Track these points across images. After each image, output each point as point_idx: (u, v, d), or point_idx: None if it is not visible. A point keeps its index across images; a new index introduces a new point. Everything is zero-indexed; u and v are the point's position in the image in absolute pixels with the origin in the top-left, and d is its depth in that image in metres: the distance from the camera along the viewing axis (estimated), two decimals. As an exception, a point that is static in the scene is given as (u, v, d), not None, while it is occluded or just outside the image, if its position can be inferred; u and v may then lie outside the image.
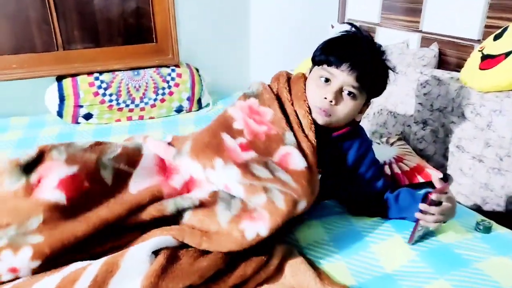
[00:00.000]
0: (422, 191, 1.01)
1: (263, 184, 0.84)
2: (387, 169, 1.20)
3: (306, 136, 0.94)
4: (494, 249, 0.90)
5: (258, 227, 0.82)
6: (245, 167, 0.86)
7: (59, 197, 0.81)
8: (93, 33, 1.86)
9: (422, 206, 0.89)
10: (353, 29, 1.03)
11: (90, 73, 1.80)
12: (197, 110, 1.97)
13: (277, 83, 1.03)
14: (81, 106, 1.77)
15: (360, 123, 1.07)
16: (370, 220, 1.05)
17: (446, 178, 0.91)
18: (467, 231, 0.98)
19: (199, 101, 1.96)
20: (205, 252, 0.81)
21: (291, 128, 0.95)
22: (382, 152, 1.25)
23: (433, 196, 0.88)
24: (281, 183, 0.84)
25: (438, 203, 0.90)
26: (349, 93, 0.94)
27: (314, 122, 0.96)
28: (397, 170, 1.20)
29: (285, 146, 0.91)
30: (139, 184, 0.90)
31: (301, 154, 0.90)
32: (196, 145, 0.93)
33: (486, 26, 1.41)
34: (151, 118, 1.88)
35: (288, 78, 1.04)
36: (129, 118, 1.85)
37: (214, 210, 0.86)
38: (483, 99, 1.14)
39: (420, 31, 1.72)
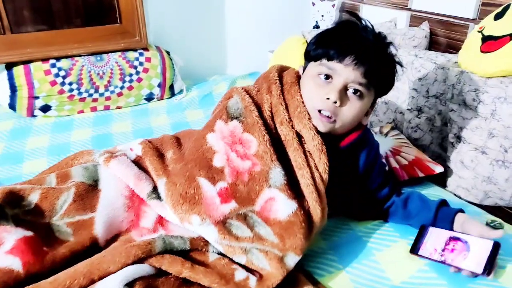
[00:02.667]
0: (436, 200, 0.90)
1: (241, 245, 0.75)
2: (384, 164, 1.10)
3: (314, 163, 0.81)
4: (508, 255, 0.82)
5: (251, 276, 0.73)
6: (222, 225, 0.76)
7: (12, 263, 0.66)
8: (46, 13, 1.62)
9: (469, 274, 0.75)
10: (350, 17, 0.87)
11: (45, 60, 1.58)
12: (170, 97, 1.80)
13: (269, 95, 0.85)
14: (37, 97, 1.57)
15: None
16: (370, 224, 0.96)
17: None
18: (476, 233, 0.90)
19: (171, 87, 1.79)
20: (187, 279, 0.71)
21: (285, 159, 0.81)
22: (377, 144, 1.15)
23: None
24: (260, 240, 0.76)
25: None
26: (355, 91, 0.80)
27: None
28: (394, 164, 1.10)
29: (270, 188, 0.78)
30: (107, 231, 0.77)
31: (291, 194, 0.77)
32: (172, 193, 0.79)
33: (483, 4, 1.31)
34: (118, 108, 1.71)
35: (282, 84, 0.87)
36: (93, 109, 1.67)
37: (206, 255, 0.76)
38: (486, 85, 1.05)
39: (409, 9, 1.61)
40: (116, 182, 0.82)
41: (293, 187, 0.79)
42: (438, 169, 1.09)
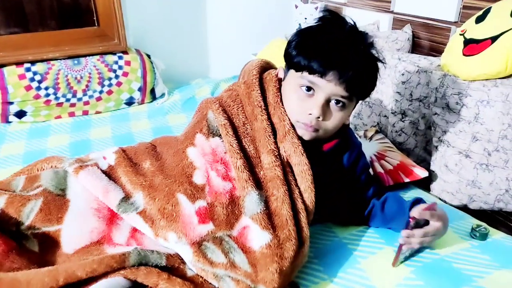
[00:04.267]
0: (410, 199, 0.90)
1: (214, 271, 0.71)
2: (368, 169, 1.09)
3: (298, 191, 0.79)
4: (495, 260, 0.82)
5: None
6: (198, 246, 0.73)
7: None
8: (19, 16, 1.57)
9: (405, 233, 0.78)
10: (329, 15, 0.82)
11: (19, 63, 1.53)
12: (151, 101, 1.76)
13: (250, 104, 0.82)
14: (11, 103, 1.51)
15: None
16: (355, 230, 0.94)
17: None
18: (461, 238, 0.89)
19: (152, 91, 1.75)
20: None
21: (259, 183, 0.78)
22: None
23: (412, 223, 0.78)
24: (233, 268, 0.72)
25: (424, 223, 0.80)
26: (338, 102, 0.78)
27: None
28: (379, 169, 1.09)
29: (245, 217, 0.76)
30: (75, 241, 0.74)
31: (266, 225, 0.74)
32: (150, 207, 0.76)
33: (464, 7, 1.31)
34: (98, 112, 1.66)
35: (266, 104, 0.83)
36: (71, 114, 1.61)
37: (184, 271, 0.73)
38: (469, 88, 1.05)
39: (392, 12, 1.61)
40: (86, 193, 0.79)
41: (272, 215, 0.77)
42: (423, 174, 1.08)
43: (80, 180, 0.80)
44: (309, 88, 0.77)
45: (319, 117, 0.77)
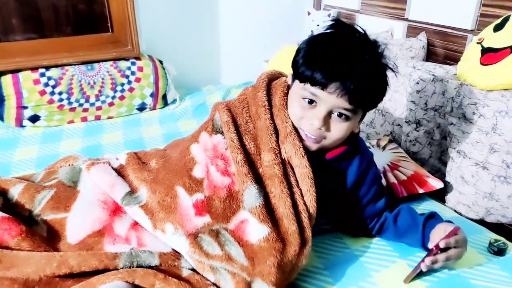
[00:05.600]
0: (424, 213, 0.88)
1: (210, 263, 0.73)
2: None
3: (300, 192, 0.79)
4: (516, 278, 0.79)
5: None
6: (194, 238, 0.74)
7: None
8: (36, 22, 1.59)
9: (429, 261, 0.76)
10: (338, 23, 0.81)
11: (34, 69, 1.54)
12: (162, 107, 1.77)
13: (255, 105, 0.83)
14: (26, 107, 1.53)
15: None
16: (368, 242, 0.92)
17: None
18: (479, 253, 0.87)
19: (164, 97, 1.75)
20: None
21: (259, 179, 0.78)
22: (374, 158, 1.11)
23: (435, 251, 0.76)
24: (230, 261, 0.73)
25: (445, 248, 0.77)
26: (340, 115, 0.76)
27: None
28: (393, 179, 1.06)
29: (244, 210, 0.77)
30: (79, 230, 0.77)
31: (265, 219, 0.75)
32: (152, 200, 0.79)
33: (482, 15, 1.29)
34: (110, 118, 1.67)
35: (271, 106, 0.84)
36: (84, 119, 1.62)
37: (180, 270, 0.74)
38: (486, 98, 1.02)
39: (406, 19, 1.58)
40: (94, 187, 0.83)
41: (271, 211, 0.77)
42: (438, 185, 1.05)
43: (91, 176, 0.85)
44: (311, 101, 0.77)
45: (320, 128, 0.77)
